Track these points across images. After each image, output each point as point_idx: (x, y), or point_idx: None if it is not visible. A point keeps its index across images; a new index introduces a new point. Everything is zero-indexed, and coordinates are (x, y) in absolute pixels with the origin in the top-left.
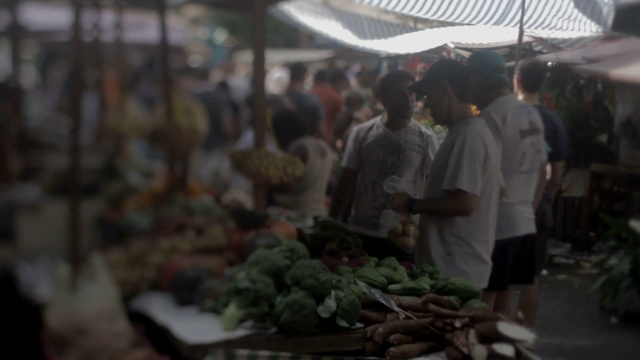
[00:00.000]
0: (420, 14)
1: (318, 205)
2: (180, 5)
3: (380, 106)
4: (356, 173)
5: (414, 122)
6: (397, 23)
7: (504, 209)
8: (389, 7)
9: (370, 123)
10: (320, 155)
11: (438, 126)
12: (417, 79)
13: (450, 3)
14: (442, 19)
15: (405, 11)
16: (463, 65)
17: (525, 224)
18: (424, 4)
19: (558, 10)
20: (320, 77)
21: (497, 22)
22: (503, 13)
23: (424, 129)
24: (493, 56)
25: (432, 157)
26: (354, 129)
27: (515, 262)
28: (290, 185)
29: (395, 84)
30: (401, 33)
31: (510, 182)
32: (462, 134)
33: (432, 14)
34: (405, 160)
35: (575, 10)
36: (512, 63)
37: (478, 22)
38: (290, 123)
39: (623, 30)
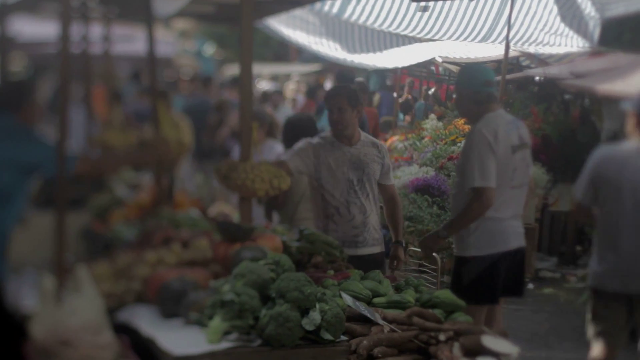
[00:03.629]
0: (407, 32)
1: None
2: (169, 18)
3: None
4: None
5: (364, 134)
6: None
7: (496, 223)
8: (376, 25)
9: (322, 139)
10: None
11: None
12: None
13: (436, 20)
14: (429, 36)
15: (392, 29)
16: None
17: (516, 238)
18: (410, 22)
19: (545, 25)
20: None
21: (484, 39)
22: (489, 29)
23: (374, 139)
24: (483, 70)
25: (388, 166)
26: (305, 140)
27: (506, 276)
28: (280, 200)
29: (330, 100)
30: (393, 41)
31: (501, 197)
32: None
33: (419, 31)
34: (369, 174)
35: (562, 25)
36: (499, 78)
37: (465, 39)
38: (304, 127)
39: (609, 45)
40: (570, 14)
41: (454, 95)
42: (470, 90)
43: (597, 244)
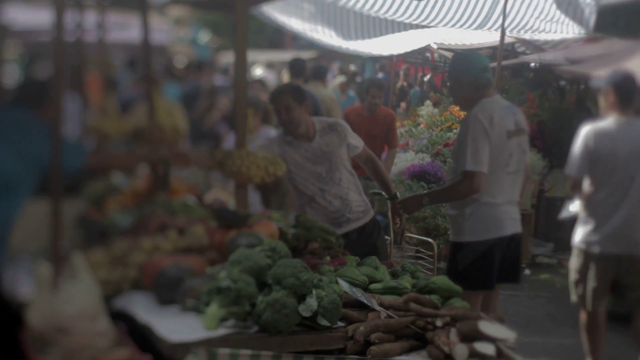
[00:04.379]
0: (403, 18)
1: None
2: (164, 5)
3: None
4: None
5: (318, 121)
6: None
7: (492, 209)
8: (372, 11)
9: (281, 137)
10: None
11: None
12: (401, 77)
13: (433, 7)
14: (424, 23)
15: (387, 15)
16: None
17: (512, 224)
18: (406, 9)
19: (540, 13)
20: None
21: (480, 26)
22: (485, 17)
23: (330, 120)
24: (479, 56)
25: (352, 140)
26: (270, 141)
27: (502, 262)
28: (271, 186)
29: (274, 100)
30: (388, 28)
31: (497, 182)
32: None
33: (415, 18)
34: (337, 162)
35: (558, 12)
36: (494, 64)
37: (460, 26)
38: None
39: (605, 31)
40: (565, 1)
41: (448, 83)
42: (468, 76)
43: (593, 212)
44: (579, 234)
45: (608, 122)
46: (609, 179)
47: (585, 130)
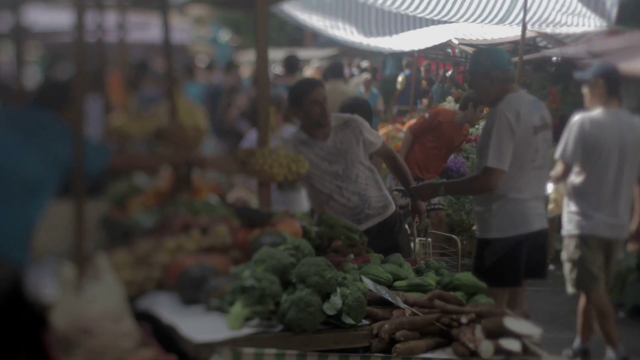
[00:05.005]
0: (423, 14)
1: None
2: (184, 4)
3: None
4: None
5: (334, 116)
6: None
7: (519, 204)
8: (393, 8)
9: (295, 137)
10: None
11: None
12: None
13: (454, 2)
14: (446, 18)
15: (408, 11)
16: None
17: (539, 220)
18: (428, 4)
19: (562, 5)
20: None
21: (501, 21)
22: (507, 11)
23: (345, 116)
24: (501, 50)
25: (368, 136)
26: (283, 142)
27: (529, 258)
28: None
29: (308, 93)
30: (409, 24)
31: (523, 178)
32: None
33: (436, 13)
34: (352, 159)
35: (579, 5)
36: (516, 59)
37: (482, 21)
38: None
39: (627, 23)
40: None
41: (470, 79)
42: (495, 70)
43: (582, 198)
44: (568, 223)
45: (599, 112)
46: (600, 166)
47: (579, 119)
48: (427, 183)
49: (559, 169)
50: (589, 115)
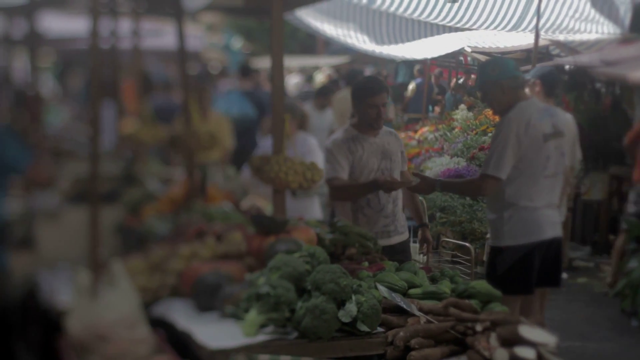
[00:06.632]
0: (437, 21)
1: None
2: (197, 12)
3: None
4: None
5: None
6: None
7: (530, 212)
8: (406, 14)
9: (346, 134)
10: None
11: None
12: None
13: (466, 9)
14: (458, 25)
15: (421, 17)
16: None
17: (552, 228)
18: (440, 11)
19: (575, 12)
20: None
21: (514, 28)
22: (520, 18)
23: (389, 128)
24: (508, 59)
25: (404, 154)
26: (333, 142)
27: (542, 266)
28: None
29: (369, 96)
30: (422, 31)
31: (535, 186)
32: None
33: (449, 20)
34: (395, 162)
35: (592, 11)
36: (529, 67)
37: (494, 28)
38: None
39: None
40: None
41: (480, 89)
42: (505, 79)
43: None
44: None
45: None
46: None
47: None
48: (425, 178)
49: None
50: None
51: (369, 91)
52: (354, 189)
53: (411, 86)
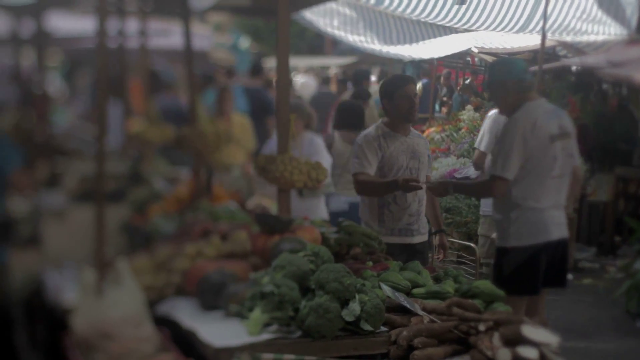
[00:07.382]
0: (444, 22)
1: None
2: (205, 11)
3: None
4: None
5: (410, 127)
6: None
7: (536, 213)
8: (413, 15)
9: (377, 131)
10: None
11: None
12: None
13: (474, 11)
14: (466, 26)
15: (429, 19)
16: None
17: (558, 229)
18: (448, 12)
19: (582, 13)
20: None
21: (521, 29)
22: (527, 19)
23: (419, 133)
24: (517, 59)
25: (430, 155)
26: (364, 137)
27: (548, 267)
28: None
29: (400, 88)
30: (429, 32)
31: (541, 187)
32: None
33: (456, 21)
34: (423, 163)
35: (599, 12)
36: (536, 68)
37: (502, 29)
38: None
39: None
40: (607, 0)
41: (488, 90)
42: (512, 79)
43: None
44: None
45: None
46: None
47: (493, 113)
48: (440, 181)
49: (475, 156)
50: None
51: (399, 83)
52: (376, 186)
53: (418, 86)
